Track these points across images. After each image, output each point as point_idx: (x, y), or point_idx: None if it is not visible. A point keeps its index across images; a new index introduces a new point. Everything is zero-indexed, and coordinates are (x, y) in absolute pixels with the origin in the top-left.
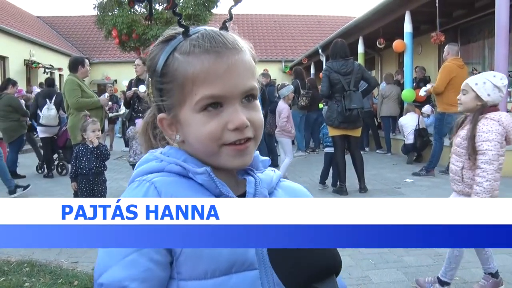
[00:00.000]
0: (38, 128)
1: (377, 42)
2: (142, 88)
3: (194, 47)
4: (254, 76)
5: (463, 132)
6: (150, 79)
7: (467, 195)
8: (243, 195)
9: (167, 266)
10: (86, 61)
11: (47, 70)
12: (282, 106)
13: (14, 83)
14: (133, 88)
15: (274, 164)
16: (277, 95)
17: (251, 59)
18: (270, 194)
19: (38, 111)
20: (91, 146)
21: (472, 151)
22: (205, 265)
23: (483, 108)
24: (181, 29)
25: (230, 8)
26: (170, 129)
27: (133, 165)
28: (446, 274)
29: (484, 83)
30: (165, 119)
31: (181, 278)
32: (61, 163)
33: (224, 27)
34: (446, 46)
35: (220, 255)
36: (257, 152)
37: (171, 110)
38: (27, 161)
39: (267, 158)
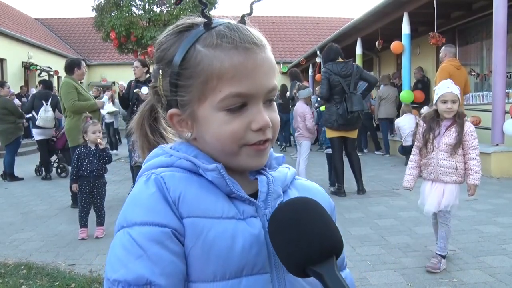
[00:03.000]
0: (34, 131)
1: (376, 44)
2: (144, 90)
3: (222, 40)
4: (275, 75)
5: (454, 134)
6: (160, 71)
7: (458, 183)
8: (256, 193)
9: (184, 258)
10: (82, 62)
11: (43, 74)
12: (305, 107)
13: (2, 85)
14: (135, 90)
15: None
16: (296, 96)
17: (273, 57)
18: (284, 192)
19: (34, 113)
20: (93, 148)
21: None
22: (214, 267)
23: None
24: (197, 20)
25: (252, 3)
26: (180, 126)
27: (138, 167)
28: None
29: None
30: (177, 115)
31: (189, 280)
32: (62, 165)
33: (242, 21)
34: (443, 47)
35: (230, 258)
36: (271, 149)
37: (186, 106)
38: (25, 163)
39: (281, 155)
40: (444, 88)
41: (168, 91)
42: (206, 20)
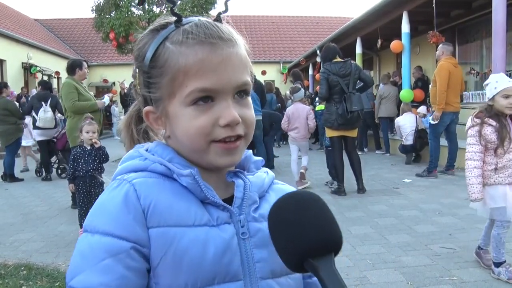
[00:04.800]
0: (35, 132)
1: (378, 43)
2: None
3: (188, 37)
4: (248, 71)
5: None
6: (137, 69)
7: None
8: (230, 198)
9: (144, 273)
10: (84, 63)
11: (44, 74)
12: (307, 108)
13: (5, 86)
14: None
15: (270, 166)
16: (291, 98)
17: (246, 53)
18: (261, 197)
19: (34, 114)
20: (88, 148)
21: None
22: (185, 276)
23: None
24: (172, 19)
25: (227, 0)
26: (156, 123)
27: None
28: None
29: None
30: (152, 112)
31: None
32: (62, 166)
33: (218, 19)
34: (440, 45)
35: (201, 266)
36: (250, 151)
37: (159, 103)
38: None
39: (260, 158)
40: (506, 82)
41: (143, 88)
42: (176, 18)
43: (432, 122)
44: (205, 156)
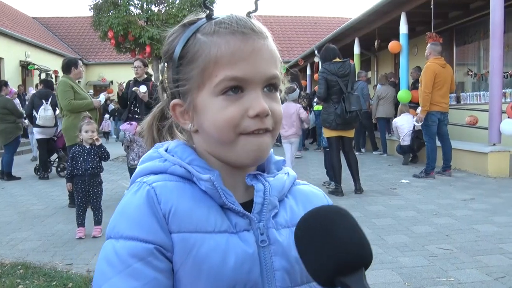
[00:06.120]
0: (35, 130)
1: (375, 44)
2: (142, 88)
3: (220, 26)
4: (277, 65)
5: None
6: (166, 64)
7: None
8: (250, 202)
9: (171, 273)
10: (80, 62)
11: (42, 72)
12: (296, 105)
13: (5, 84)
14: (133, 88)
15: None
16: (285, 98)
17: (275, 49)
18: (280, 201)
19: (34, 112)
20: (88, 146)
21: None
22: (204, 284)
23: None
24: (203, 15)
25: (257, 0)
26: (182, 118)
27: (134, 169)
28: None
29: None
30: (179, 105)
31: None
32: (62, 165)
33: (248, 16)
34: (428, 45)
35: (221, 274)
36: (271, 151)
37: (187, 95)
38: (22, 163)
39: (281, 158)
40: None
41: (171, 82)
42: (208, 12)
43: (416, 124)
44: (233, 149)
